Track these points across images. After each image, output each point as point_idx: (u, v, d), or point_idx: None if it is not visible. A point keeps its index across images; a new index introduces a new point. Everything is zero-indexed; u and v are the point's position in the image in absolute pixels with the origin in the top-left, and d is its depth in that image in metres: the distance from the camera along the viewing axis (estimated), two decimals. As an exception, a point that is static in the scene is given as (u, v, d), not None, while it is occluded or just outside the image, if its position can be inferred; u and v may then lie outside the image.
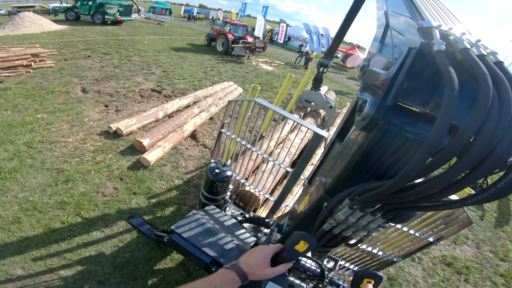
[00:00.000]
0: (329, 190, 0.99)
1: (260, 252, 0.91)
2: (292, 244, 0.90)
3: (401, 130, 0.72)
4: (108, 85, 6.93)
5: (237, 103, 2.49)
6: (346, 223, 0.89)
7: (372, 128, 0.74)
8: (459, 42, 0.59)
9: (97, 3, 19.57)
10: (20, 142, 4.12)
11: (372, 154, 0.80)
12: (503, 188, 0.52)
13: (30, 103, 5.34)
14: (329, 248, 1.14)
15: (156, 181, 3.89)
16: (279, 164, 2.48)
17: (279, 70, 14.30)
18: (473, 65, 0.54)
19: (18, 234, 2.82)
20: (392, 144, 0.75)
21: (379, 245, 2.19)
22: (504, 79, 0.52)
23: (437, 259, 3.92)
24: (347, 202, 0.83)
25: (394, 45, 0.84)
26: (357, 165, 0.85)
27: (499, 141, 0.49)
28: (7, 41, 10.62)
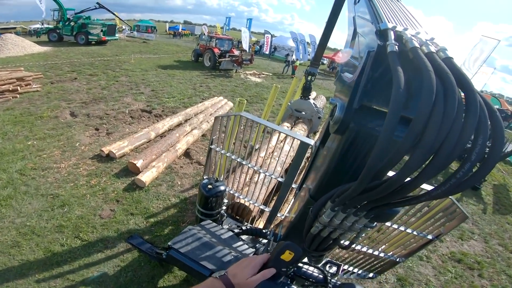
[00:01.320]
0: (313, 194, 1.02)
1: (248, 264, 0.93)
2: (277, 254, 0.93)
3: (371, 130, 0.75)
4: (97, 108, 6.94)
5: (224, 118, 2.53)
6: (331, 225, 0.89)
7: (344, 131, 0.78)
8: (409, 41, 0.63)
9: (79, 24, 19.52)
10: (12, 170, 4.09)
11: (349, 155, 0.83)
12: (462, 178, 0.54)
13: (19, 130, 5.30)
14: (322, 252, 1.13)
15: (153, 201, 3.92)
16: (270, 175, 2.52)
17: (267, 81, 14.57)
18: (419, 61, 0.57)
19: (18, 257, 2.84)
20: (365, 144, 0.79)
21: (380, 246, 2.21)
22: (448, 73, 0.54)
23: (446, 256, 3.97)
24: (330, 205, 0.84)
25: (360, 49, 0.86)
26: (336, 168, 0.89)
27: (448, 132, 0.51)
28: (-10, 66, 10.47)
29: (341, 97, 0.84)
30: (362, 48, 0.82)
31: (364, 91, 0.71)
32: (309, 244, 1.05)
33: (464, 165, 0.53)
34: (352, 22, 1.10)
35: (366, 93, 0.71)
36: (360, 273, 2.48)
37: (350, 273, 2.45)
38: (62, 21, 19.87)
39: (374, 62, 0.69)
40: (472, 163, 0.52)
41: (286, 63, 19.10)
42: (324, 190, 0.90)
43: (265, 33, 27.33)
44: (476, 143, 0.52)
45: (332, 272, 2.17)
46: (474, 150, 0.52)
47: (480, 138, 0.52)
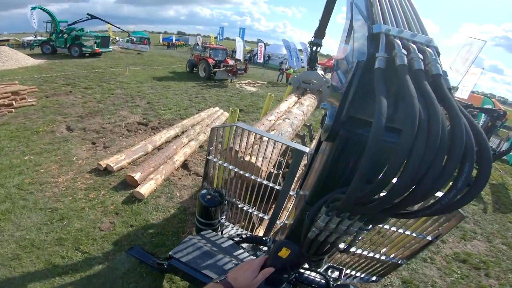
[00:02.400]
0: (309, 200, 1.03)
1: (248, 268, 0.96)
2: (275, 251, 0.99)
3: (360, 136, 0.76)
4: (93, 122, 6.97)
5: (220, 129, 2.57)
6: (327, 229, 0.90)
7: (334, 138, 0.79)
8: (398, 56, 0.62)
9: (73, 36, 19.50)
10: (10, 185, 4.09)
11: (340, 161, 0.85)
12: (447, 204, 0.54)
13: (15, 145, 5.30)
14: (321, 256, 1.15)
15: (152, 213, 3.94)
16: (268, 184, 2.55)
17: (262, 90, 14.76)
18: (404, 85, 0.56)
19: (19, 269, 2.85)
20: (355, 150, 0.80)
21: (381, 249, 2.22)
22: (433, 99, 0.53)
23: (450, 257, 4.00)
24: (324, 210, 0.86)
25: (353, 50, 0.86)
26: (329, 174, 0.90)
27: (431, 163, 0.50)
28: (-16, 79, 10.43)
29: (333, 102, 0.84)
30: (355, 51, 0.83)
31: (352, 103, 0.72)
32: (307, 249, 1.07)
33: (449, 192, 0.53)
34: (350, 9, 1.06)
35: (354, 104, 0.72)
36: (363, 277, 2.48)
37: (352, 277, 2.46)
38: (55, 33, 19.86)
39: (363, 73, 0.69)
40: (458, 191, 0.52)
41: (280, 71, 19.39)
42: (319, 196, 0.93)
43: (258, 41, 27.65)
44: (462, 170, 0.51)
45: (334, 277, 2.18)
46: (461, 178, 0.51)
47: (466, 166, 0.50)
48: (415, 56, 0.62)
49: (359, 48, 0.78)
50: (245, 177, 2.57)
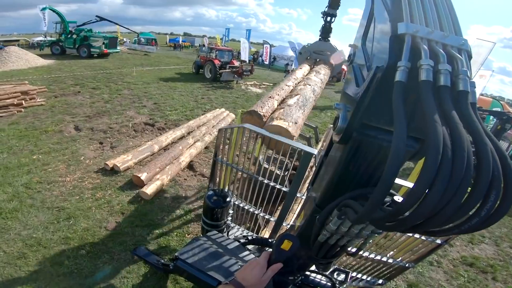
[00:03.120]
0: (319, 203, 1.02)
1: (256, 265, 0.96)
2: (277, 245, 0.99)
3: (374, 139, 0.73)
4: (101, 122, 7.04)
5: (227, 130, 2.58)
6: (338, 232, 0.90)
7: (347, 141, 0.77)
8: (423, 70, 0.56)
9: (82, 36, 19.88)
10: (18, 184, 4.15)
11: (352, 164, 0.83)
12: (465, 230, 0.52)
13: (24, 144, 5.38)
14: (330, 259, 1.14)
15: (158, 213, 3.95)
16: (275, 185, 2.56)
17: (268, 91, 14.66)
18: (426, 109, 0.52)
19: (25, 268, 2.88)
20: (368, 153, 0.78)
21: (388, 252, 2.20)
22: (458, 125, 0.50)
23: (457, 261, 3.97)
24: (336, 213, 0.85)
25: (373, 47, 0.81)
26: (340, 177, 0.88)
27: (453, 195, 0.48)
28: (-5, 79, 10.64)
29: (346, 103, 0.81)
30: (374, 50, 0.77)
31: (367, 109, 0.69)
32: (316, 252, 1.06)
33: (471, 219, 0.51)
34: None
35: (369, 111, 0.69)
36: (369, 280, 2.46)
37: (358, 280, 2.44)
38: (65, 34, 20.27)
39: (381, 82, 0.64)
40: (481, 219, 0.50)
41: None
42: (330, 199, 0.92)
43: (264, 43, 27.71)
44: (487, 200, 0.49)
45: (340, 280, 2.17)
46: (485, 207, 0.49)
47: (492, 195, 0.48)
48: (443, 69, 0.56)
49: (379, 48, 0.73)
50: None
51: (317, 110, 11.46)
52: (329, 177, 0.93)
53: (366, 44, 0.89)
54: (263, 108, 2.57)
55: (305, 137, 5.83)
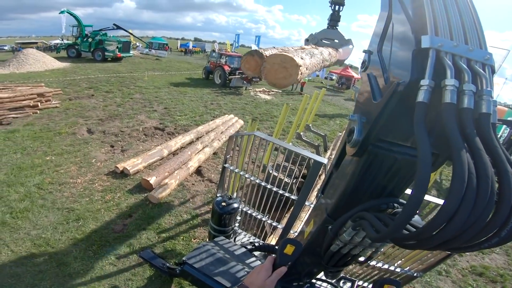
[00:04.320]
0: (331, 213, 1.01)
1: (261, 269, 0.99)
2: (281, 249, 1.01)
3: (389, 153, 0.73)
4: (113, 125, 7.19)
5: (238, 138, 2.60)
6: (352, 242, 0.90)
7: (362, 154, 0.77)
8: (448, 91, 0.54)
9: (97, 40, 20.49)
10: (30, 184, 4.25)
11: (366, 177, 0.82)
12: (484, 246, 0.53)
13: (38, 145, 5.52)
14: (341, 268, 1.14)
15: (165, 217, 3.98)
16: (284, 193, 2.57)
17: (277, 98, 14.77)
18: (450, 135, 0.51)
19: (32, 268, 2.92)
20: (382, 166, 0.78)
21: (396, 261, 2.19)
22: (482, 154, 0.50)
23: (466, 270, 3.90)
24: (350, 224, 0.85)
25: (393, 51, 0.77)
26: (354, 188, 0.88)
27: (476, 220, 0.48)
28: (13, 80, 11.04)
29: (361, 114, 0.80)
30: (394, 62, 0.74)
31: (384, 126, 0.68)
32: (328, 260, 1.07)
33: (491, 239, 0.51)
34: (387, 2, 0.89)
35: (386, 128, 0.68)
36: None
37: None
38: (81, 37, 20.90)
39: (401, 99, 0.62)
40: (501, 239, 0.51)
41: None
42: (342, 210, 0.92)
43: (274, 48, 27.84)
44: (508, 222, 0.49)
45: None
46: (505, 228, 0.50)
47: None
48: (467, 89, 0.53)
49: (398, 60, 0.70)
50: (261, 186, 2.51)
51: (326, 118, 11.42)
52: (342, 188, 0.93)
53: (383, 51, 0.84)
54: (266, 51, 2.08)
55: (313, 145, 5.82)
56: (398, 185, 0.84)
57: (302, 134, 5.97)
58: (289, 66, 1.68)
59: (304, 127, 6.24)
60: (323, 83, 24.67)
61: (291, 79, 1.69)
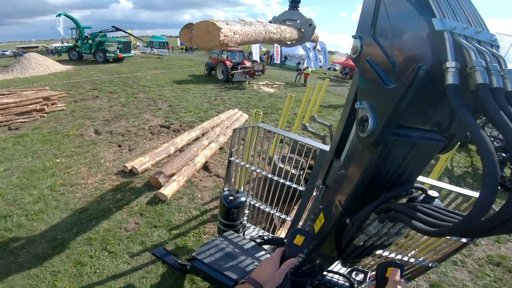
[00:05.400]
0: (347, 207, 0.98)
1: (269, 262, 0.97)
2: (290, 240, 0.99)
3: (406, 138, 0.71)
4: (119, 125, 7.26)
5: (242, 130, 2.59)
6: (378, 235, 0.88)
7: (379, 143, 0.73)
8: (478, 72, 0.52)
9: (97, 42, 20.56)
10: (43, 186, 4.34)
11: (383, 166, 0.79)
12: None
13: (48, 148, 5.62)
14: (362, 258, 1.13)
15: (175, 214, 4.04)
16: (291, 185, 2.56)
17: (280, 91, 14.67)
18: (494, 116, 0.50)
19: (50, 268, 2.99)
20: (400, 153, 0.75)
21: (409, 252, 2.17)
22: None
23: (482, 260, 3.87)
24: (375, 217, 0.82)
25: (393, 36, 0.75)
26: (371, 179, 0.84)
27: None
28: (17, 85, 11.18)
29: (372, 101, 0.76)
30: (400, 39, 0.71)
31: (404, 112, 0.65)
32: (349, 253, 1.05)
33: None
34: None
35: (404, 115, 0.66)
36: (373, 280, 2.44)
37: (369, 279, 2.42)
38: (81, 39, 20.98)
39: (421, 85, 0.60)
40: None
41: (298, 72, 19.20)
42: (359, 202, 0.91)
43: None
44: None
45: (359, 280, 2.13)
46: None
47: None
48: (494, 70, 0.52)
49: (408, 45, 0.68)
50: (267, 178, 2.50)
51: (331, 108, 11.34)
52: (357, 180, 0.89)
53: (379, 35, 0.81)
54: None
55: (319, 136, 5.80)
56: (414, 170, 0.83)
57: (307, 125, 5.95)
58: (211, 30, 1.76)
59: (309, 118, 6.21)
60: (327, 74, 24.41)
61: (215, 40, 1.76)
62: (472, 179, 6.39)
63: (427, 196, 0.77)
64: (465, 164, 7.16)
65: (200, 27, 1.84)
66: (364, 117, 0.75)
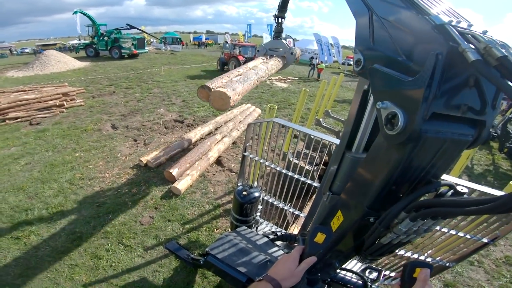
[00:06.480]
0: (371, 206, 0.96)
1: (287, 259, 0.95)
2: (311, 237, 0.96)
3: (438, 135, 0.70)
4: (135, 120, 7.41)
5: (256, 125, 2.56)
6: (407, 233, 0.87)
7: (412, 140, 0.71)
8: (494, 48, 0.55)
9: (112, 38, 21.04)
10: (63, 180, 4.50)
11: (412, 165, 0.78)
12: None
13: (67, 142, 5.81)
14: (383, 256, 1.11)
15: (188, 208, 4.08)
16: (305, 180, 2.52)
17: (293, 86, 14.51)
18: None
19: (68, 262, 3.08)
20: (430, 150, 0.74)
21: (426, 251, 2.12)
22: None
23: (500, 261, 3.76)
24: (405, 215, 0.81)
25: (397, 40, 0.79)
26: (398, 178, 0.83)
27: None
28: (37, 81, 11.59)
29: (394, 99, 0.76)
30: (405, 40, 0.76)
31: (433, 100, 0.66)
32: (373, 251, 1.03)
33: None
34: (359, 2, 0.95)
35: (435, 101, 0.66)
36: (397, 278, 2.39)
37: (392, 278, 2.35)
38: (97, 36, 21.51)
39: (445, 67, 0.63)
40: None
41: (311, 67, 18.90)
42: (384, 201, 0.89)
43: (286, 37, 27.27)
44: None
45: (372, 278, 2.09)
46: None
47: None
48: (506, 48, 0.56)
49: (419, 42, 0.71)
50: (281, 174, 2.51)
51: (345, 104, 11.12)
52: (382, 179, 0.87)
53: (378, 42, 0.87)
54: (213, 84, 3.22)
55: (334, 131, 5.71)
56: (441, 167, 0.81)
57: (321, 120, 5.87)
58: (224, 98, 2.70)
59: (323, 113, 6.12)
60: (341, 69, 23.95)
61: (227, 105, 2.77)
62: (493, 177, 6.12)
63: (456, 192, 0.75)
64: (486, 162, 6.88)
65: (215, 95, 2.79)
66: (392, 113, 0.74)
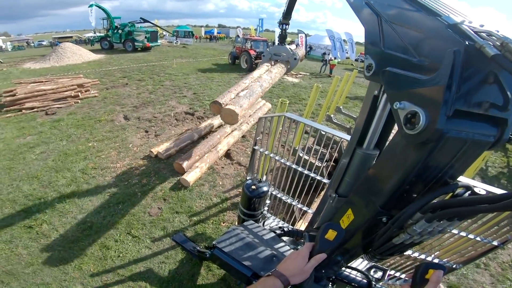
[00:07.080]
0: (384, 205, 0.94)
1: (297, 256, 0.94)
2: (322, 234, 0.95)
3: (460, 135, 0.69)
4: (146, 111, 7.50)
5: (267, 119, 2.54)
6: (422, 234, 0.86)
7: (433, 139, 0.70)
8: (510, 43, 0.56)
9: (126, 31, 21.32)
10: (76, 169, 4.61)
11: (429, 165, 0.77)
12: None
13: (81, 132, 5.95)
14: (393, 256, 1.10)
15: (196, 200, 4.12)
16: (315, 176, 2.49)
17: (305, 81, 14.35)
18: None
19: (77, 251, 3.15)
20: (450, 151, 0.73)
21: (433, 252, 2.10)
22: None
23: (506, 264, 3.68)
24: (420, 216, 0.81)
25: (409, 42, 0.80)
26: (414, 178, 0.81)
27: None
28: (54, 73, 11.89)
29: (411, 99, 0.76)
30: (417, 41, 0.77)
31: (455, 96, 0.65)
32: (383, 251, 1.03)
33: None
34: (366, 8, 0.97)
35: (457, 98, 0.65)
36: (407, 279, 2.36)
37: (396, 278, 2.33)
38: (111, 29, 21.84)
39: (464, 63, 0.63)
40: None
41: (324, 62, 18.61)
42: (399, 201, 0.88)
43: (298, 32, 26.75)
44: None
45: (377, 277, 2.09)
46: None
47: None
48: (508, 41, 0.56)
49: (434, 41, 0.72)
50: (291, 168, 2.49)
51: (357, 100, 10.93)
52: (399, 178, 0.85)
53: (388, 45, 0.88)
54: (223, 99, 3.66)
55: (345, 128, 5.64)
56: (459, 169, 0.78)
57: (332, 117, 5.79)
58: (233, 114, 3.25)
59: (334, 110, 6.04)
60: (354, 65, 23.50)
61: (235, 120, 3.34)
62: (507, 180, 5.90)
63: (473, 194, 0.73)
64: (500, 164, 6.64)
65: (225, 111, 3.37)
66: (411, 112, 0.72)
